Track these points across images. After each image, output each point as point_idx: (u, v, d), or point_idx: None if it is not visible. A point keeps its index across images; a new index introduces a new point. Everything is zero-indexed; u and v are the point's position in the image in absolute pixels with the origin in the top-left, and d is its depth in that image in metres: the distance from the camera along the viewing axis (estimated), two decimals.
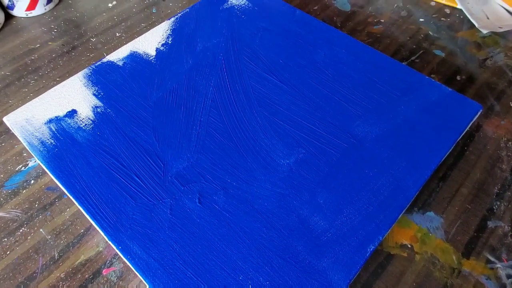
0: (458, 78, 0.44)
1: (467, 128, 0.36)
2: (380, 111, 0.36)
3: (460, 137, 0.36)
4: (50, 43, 0.47)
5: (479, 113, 0.37)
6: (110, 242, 0.29)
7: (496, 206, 0.34)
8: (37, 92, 0.42)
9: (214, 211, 0.30)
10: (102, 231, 0.30)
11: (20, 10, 0.49)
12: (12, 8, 0.48)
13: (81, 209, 0.31)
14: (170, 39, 0.42)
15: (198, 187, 0.32)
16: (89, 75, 0.39)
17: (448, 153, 0.35)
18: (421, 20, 0.50)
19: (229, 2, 0.46)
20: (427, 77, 0.39)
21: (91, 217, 0.30)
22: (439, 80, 0.43)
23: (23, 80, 0.43)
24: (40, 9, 0.50)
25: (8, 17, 0.49)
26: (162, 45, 0.42)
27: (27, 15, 0.49)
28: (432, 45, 0.47)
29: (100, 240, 0.32)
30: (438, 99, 0.37)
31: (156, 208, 0.31)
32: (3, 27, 0.48)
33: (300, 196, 0.31)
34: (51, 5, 0.51)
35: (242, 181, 0.32)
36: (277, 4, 0.46)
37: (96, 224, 0.30)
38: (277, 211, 0.30)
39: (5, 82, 0.43)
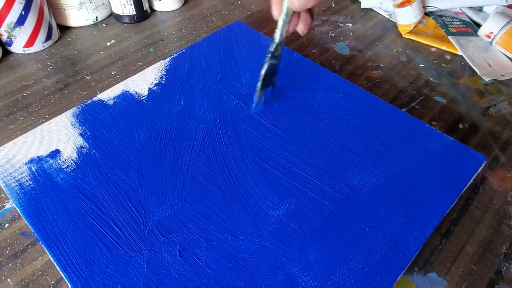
0: (461, 126, 0.42)
1: (471, 181, 0.34)
2: (378, 160, 0.35)
3: (464, 190, 0.34)
4: (44, 80, 0.46)
5: (483, 165, 0.34)
6: None
7: (504, 268, 0.31)
8: (25, 130, 0.40)
9: (195, 266, 0.28)
10: (72, 285, 0.27)
11: (18, 46, 0.49)
12: (10, 44, 0.48)
13: (51, 258, 0.28)
14: (163, 79, 0.42)
15: (180, 238, 0.29)
16: (77, 114, 0.38)
17: (451, 207, 0.33)
18: (421, 65, 0.50)
19: (225, 43, 0.46)
20: (427, 125, 0.37)
21: (61, 269, 0.28)
22: (440, 128, 0.41)
23: (11, 116, 0.42)
24: (38, 46, 0.50)
25: (6, 53, 0.49)
26: (155, 85, 0.41)
27: (24, 51, 0.49)
28: (433, 91, 0.46)
29: None
30: (440, 149, 0.36)
31: (132, 260, 0.28)
32: (0, 62, 0.48)
33: (289, 251, 0.29)
34: (49, 42, 0.51)
35: (227, 232, 0.30)
36: None
37: (66, 277, 0.27)
38: (263, 268, 0.28)
39: None
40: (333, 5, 0.60)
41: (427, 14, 0.57)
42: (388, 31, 0.55)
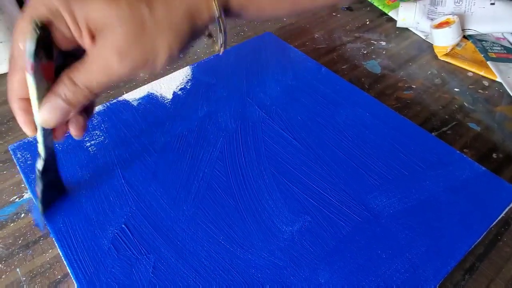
0: (494, 156, 0.39)
1: (502, 215, 0.32)
2: (402, 184, 0.33)
3: (493, 224, 0.31)
4: None
5: None
6: None
7: None
8: None
9: (200, 275, 0.27)
10: (76, 282, 0.27)
11: None
12: None
13: (60, 252, 0.28)
14: (189, 84, 0.42)
15: (188, 245, 0.29)
16: (101, 112, 0.38)
17: (478, 241, 0.30)
18: (456, 90, 0.47)
19: (253, 53, 0.46)
20: (458, 152, 0.35)
21: (68, 264, 0.28)
22: (472, 156, 0.39)
23: None
24: None
25: None
26: (180, 89, 0.41)
27: None
28: (467, 117, 0.44)
29: None
30: (470, 178, 0.33)
31: (138, 263, 0.28)
32: None
33: (299, 271, 0.27)
34: None
35: (237, 244, 0.29)
36: (304, 60, 0.45)
37: (72, 273, 0.27)
38: (270, 287, 0.27)
39: None
40: (368, 23, 0.59)
41: (466, 37, 0.55)
42: (423, 52, 0.53)
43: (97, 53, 0.21)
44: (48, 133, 0.24)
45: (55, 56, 0.22)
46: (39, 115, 0.22)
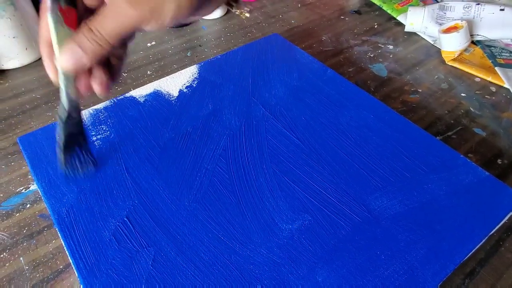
0: (499, 162, 0.39)
1: (505, 220, 0.31)
2: (404, 186, 0.33)
3: (495, 229, 0.31)
4: None
5: None
6: (81, 286, 0.27)
7: None
8: None
9: (198, 269, 0.27)
10: (77, 272, 0.27)
11: None
12: None
13: (63, 242, 0.29)
14: (195, 83, 0.42)
15: (188, 239, 0.29)
16: (109, 108, 0.39)
17: (479, 246, 0.30)
18: (462, 94, 0.47)
19: (260, 54, 0.46)
20: (462, 156, 0.35)
21: (70, 254, 0.28)
22: (476, 161, 0.39)
23: (50, 104, 0.44)
24: None
25: None
26: (187, 87, 0.42)
27: None
28: (473, 122, 0.44)
29: (76, 281, 0.30)
30: (473, 183, 0.33)
31: (138, 256, 0.28)
32: None
33: (297, 269, 0.28)
34: None
35: (236, 240, 0.29)
36: (310, 62, 0.45)
37: (73, 263, 0.28)
38: (267, 283, 0.27)
39: (33, 104, 0.44)
40: (376, 26, 0.59)
41: (474, 42, 0.54)
42: (431, 56, 0.53)
43: (112, 2, 0.22)
44: (71, 82, 0.25)
45: (79, 6, 0.24)
46: (57, 59, 0.23)
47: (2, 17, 0.44)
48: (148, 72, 0.49)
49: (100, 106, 0.39)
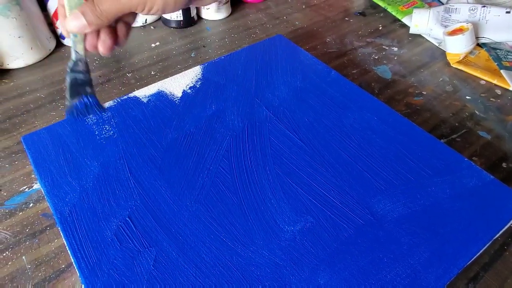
0: (504, 165, 0.39)
1: (509, 224, 0.31)
2: (407, 189, 0.33)
3: (500, 233, 0.31)
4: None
5: None
6: (83, 286, 0.27)
7: None
8: (63, 117, 0.42)
9: (200, 270, 0.27)
10: (79, 271, 0.27)
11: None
12: (63, 37, 0.51)
13: (65, 242, 0.29)
14: (199, 83, 0.42)
15: (189, 240, 0.29)
16: (112, 108, 0.39)
17: (482, 250, 0.30)
18: (467, 97, 0.47)
19: (264, 55, 0.46)
20: (467, 159, 0.35)
21: (72, 253, 0.28)
22: (481, 164, 0.39)
23: (54, 104, 0.44)
24: None
25: (59, 45, 0.52)
26: (190, 88, 0.42)
27: None
28: (478, 125, 0.43)
29: (77, 280, 0.30)
30: (477, 186, 0.33)
31: (140, 256, 0.28)
32: (52, 53, 0.51)
33: (298, 271, 0.27)
34: None
35: (238, 241, 0.29)
36: (314, 63, 0.45)
37: (75, 262, 0.28)
38: (269, 285, 0.27)
39: (37, 104, 0.44)
40: (380, 28, 0.59)
41: (479, 45, 0.54)
42: (436, 59, 0.53)
43: None
44: (79, 40, 0.28)
45: None
46: (66, 21, 0.26)
47: (8, 17, 0.44)
48: (152, 73, 0.49)
49: (104, 105, 0.39)
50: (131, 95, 0.41)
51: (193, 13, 0.57)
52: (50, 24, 0.51)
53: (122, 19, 0.29)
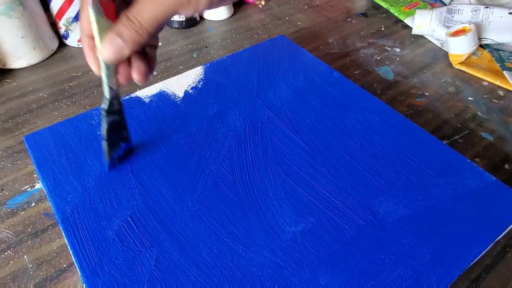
0: (506, 167, 0.39)
1: None
2: (409, 190, 0.32)
3: (502, 235, 0.31)
4: (91, 73, 0.48)
5: None
6: (84, 285, 0.27)
7: None
8: (66, 117, 0.42)
9: (201, 270, 0.27)
10: (80, 271, 0.27)
11: (73, 40, 0.52)
12: (66, 37, 0.52)
13: (66, 241, 0.29)
14: (201, 84, 0.42)
15: (191, 240, 0.29)
16: None
17: (485, 252, 0.30)
18: (470, 98, 0.47)
19: (266, 55, 0.46)
20: (469, 160, 0.35)
21: (73, 253, 0.28)
22: (483, 166, 0.38)
23: (56, 103, 0.44)
24: None
25: (62, 45, 0.53)
26: (192, 88, 0.42)
27: (78, 45, 0.52)
28: (480, 126, 0.43)
29: (79, 280, 0.30)
30: (479, 188, 0.33)
31: (141, 256, 0.28)
32: (55, 53, 0.51)
33: (300, 272, 0.27)
34: None
35: (239, 242, 0.29)
36: (316, 64, 0.45)
37: (76, 262, 0.28)
38: (270, 286, 0.27)
39: (40, 104, 0.44)
40: (383, 29, 0.59)
41: (482, 46, 0.54)
42: (438, 60, 0.53)
43: None
44: (111, 74, 0.26)
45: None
46: (99, 50, 0.24)
47: (11, 17, 0.45)
48: (154, 73, 0.49)
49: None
50: (133, 95, 0.41)
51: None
52: (53, 24, 0.52)
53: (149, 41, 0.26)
